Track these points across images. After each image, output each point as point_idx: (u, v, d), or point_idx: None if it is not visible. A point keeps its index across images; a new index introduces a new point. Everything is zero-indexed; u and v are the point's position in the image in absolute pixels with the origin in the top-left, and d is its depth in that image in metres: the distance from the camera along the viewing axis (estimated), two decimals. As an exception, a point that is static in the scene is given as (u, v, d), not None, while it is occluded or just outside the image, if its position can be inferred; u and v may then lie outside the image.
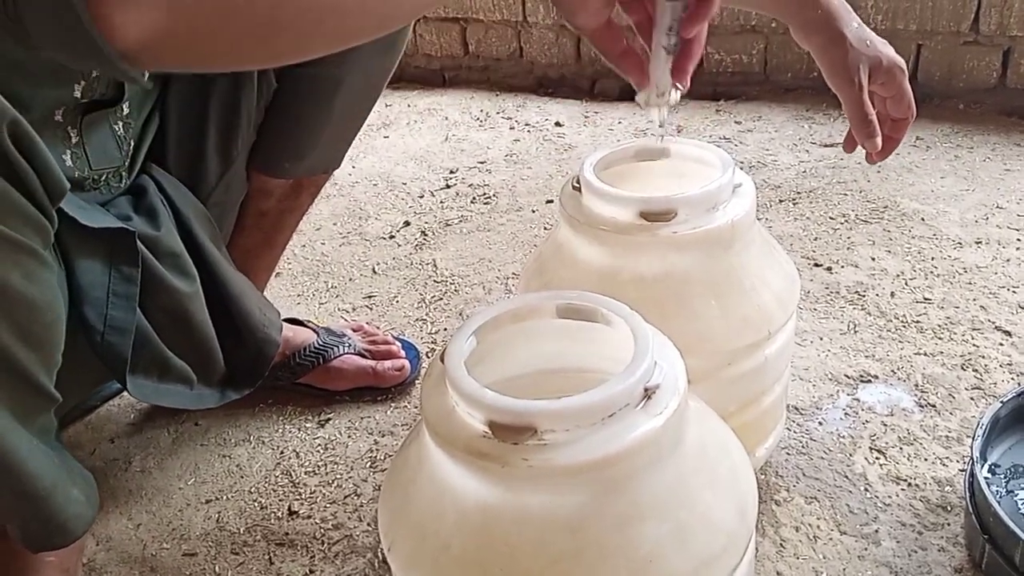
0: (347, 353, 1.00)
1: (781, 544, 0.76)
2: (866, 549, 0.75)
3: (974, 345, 0.99)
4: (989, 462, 0.80)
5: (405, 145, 1.75)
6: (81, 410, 1.00)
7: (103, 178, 0.75)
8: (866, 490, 0.81)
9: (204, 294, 0.80)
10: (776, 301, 0.74)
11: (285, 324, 1.04)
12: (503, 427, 0.45)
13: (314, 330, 1.03)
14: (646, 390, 0.48)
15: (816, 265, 1.18)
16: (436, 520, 0.48)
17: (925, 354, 0.98)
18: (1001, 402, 0.79)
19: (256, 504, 0.86)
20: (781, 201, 1.36)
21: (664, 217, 0.69)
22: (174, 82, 0.81)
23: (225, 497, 0.87)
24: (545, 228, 1.37)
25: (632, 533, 0.46)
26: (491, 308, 0.56)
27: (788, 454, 0.86)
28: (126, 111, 0.76)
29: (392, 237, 1.39)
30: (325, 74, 0.85)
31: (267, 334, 0.88)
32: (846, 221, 1.28)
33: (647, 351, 0.49)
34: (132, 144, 0.78)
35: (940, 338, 1.01)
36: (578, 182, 0.76)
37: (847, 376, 0.96)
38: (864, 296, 1.10)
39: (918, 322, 1.04)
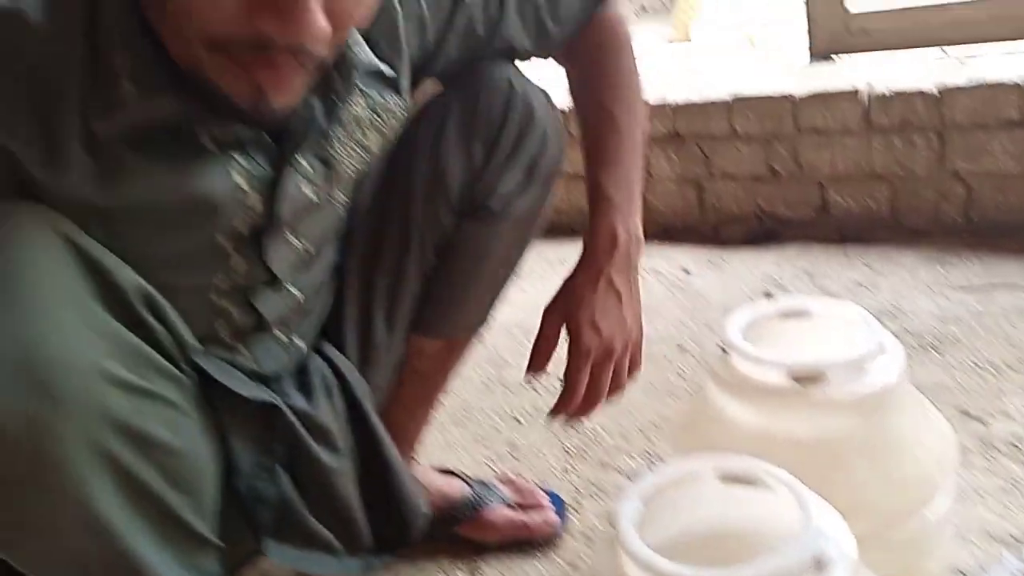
0: (498, 505, 1.04)
1: None
2: None
3: None
4: None
5: (539, 296, 1.83)
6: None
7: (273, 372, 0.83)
8: (1047, 663, 0.77)
9: (362, 464, 0.86)
10: (934, 461, 0.74)
11: (439, 475, 1.09)
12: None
13: (467, 482, 1.07)
14: (817, 560, 0.50)
15: (967, 416, 1.15)
16: None
17: (1097, 513, 0.94)
18: None
19: (415, 656, 0.89)
20: (923, 348, 1.34)
21: (814, 380, 0.72)
22: (346, 261, 0.90)
23: (385, 648, 0.90)
24: (680, 375, 1.39)
25: None
26: (654, 473, 0.60)
27: (956, 620, 0.82)
28: (282, 336, 0.83)
29: (532, 386, 1.44)
30: (479, 243, 0.93)
31: (418, 506, 0.91)
32: (994, 369, 1.25)
33: (813, 520, 0.51)
34: (299, 349, 0.86)
35: (1112, 495, 0.96)
36: (724, 342, 0.80)
37: (1012, 536, 0.92)
38: (1021, 449, 1.06)
39: (1086, 478, 1.00)
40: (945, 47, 1.88)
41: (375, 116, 0.78)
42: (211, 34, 0.57)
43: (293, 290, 0.80)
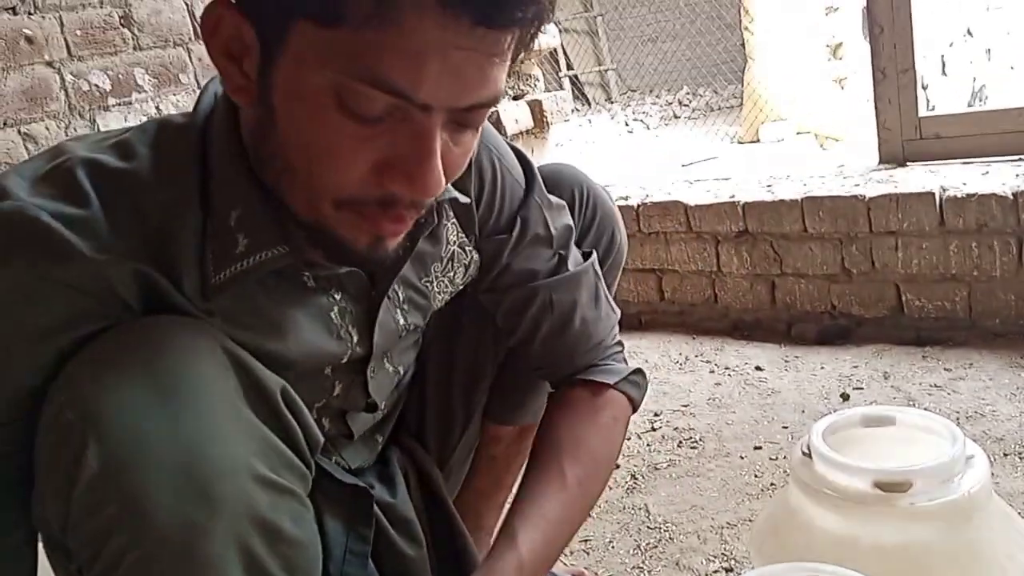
0: (573, 605, 1.05)
1: None
2: None
3: None
4: None
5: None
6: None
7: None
8: None
9: (439, 553, 0.90)
10: (1021, 573, 0.74)
11: (515, 568, 1.11)
12: None
13: (545, 574, 1.09)
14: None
15: (1056, 527, 1.12)
16: None
17: None
18: None
19: None
20: (1006, 455, 1.32)
21: (900, 488, 0.73)
22: (426, 355, 0.95)
23: None
24: (755, 475, 1.39)
25: None
26: (743, 579, 0.62)
27: None
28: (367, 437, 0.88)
29: (604, 480, 1.45)
30: None
31: None
32: (1083, 479, 1.23)
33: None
34: (381, 439, 0.91)
35: None
36: (808, 448, 0.81)
37: (1110, 658, 0.89)
38: (1117, 565, 1.03)
39: None
40: (1018, 155, 1.88)
41: (461, 252, 0.84)
42: (340, 197, 0.61)
43: (381, 405, 0.85)
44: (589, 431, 0.87)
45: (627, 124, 5.92)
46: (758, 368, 1.84)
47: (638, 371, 0.93)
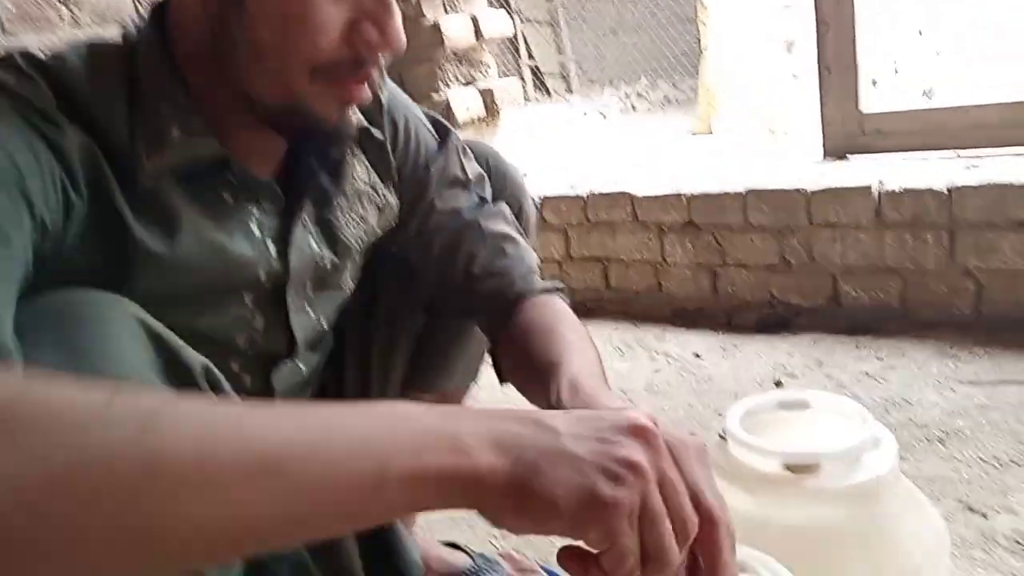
0: (499, 580, 1.05)
1: None
2: None
3: None
4: None
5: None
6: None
7: None
8: None
9: (365, 535, 0.88)
10: (924, 554, 0.76)
11: (443, 547, 1.11)
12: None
13: (469, 555, 1.09)
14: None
15: (970, 510, 1.16)
16: None
17: (1098, 615, 0.94)
18: None
19: None
20: (929, 441, 1.36)
21: (809, 470, 0.75)
22: (344, 330, 0.95)
23: None
24: (687, 461, 1.40)
25: None
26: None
27: None
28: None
29: (540, 464, 1.46)
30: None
31: (416, 566, 0.93)
32: (999, 464, 1.26)
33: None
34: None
35: (1114, 598, 0.96)
36: (724, 431, 0.83)
37: (1012, 635, 0.92)
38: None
39: (1087, 579, 1.00)
40: (958, 150, 1.93)
41: (374, 193, 0.85)
42: (317, 62, 0.66)
43: (302, 366, 0.84)
44: (563, 319, 0.84)
45: (586, 115, 5.93)
46: (696, 355, 1.86)
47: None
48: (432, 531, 1.19)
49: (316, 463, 0.42)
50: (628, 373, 1.82)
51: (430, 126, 0.91)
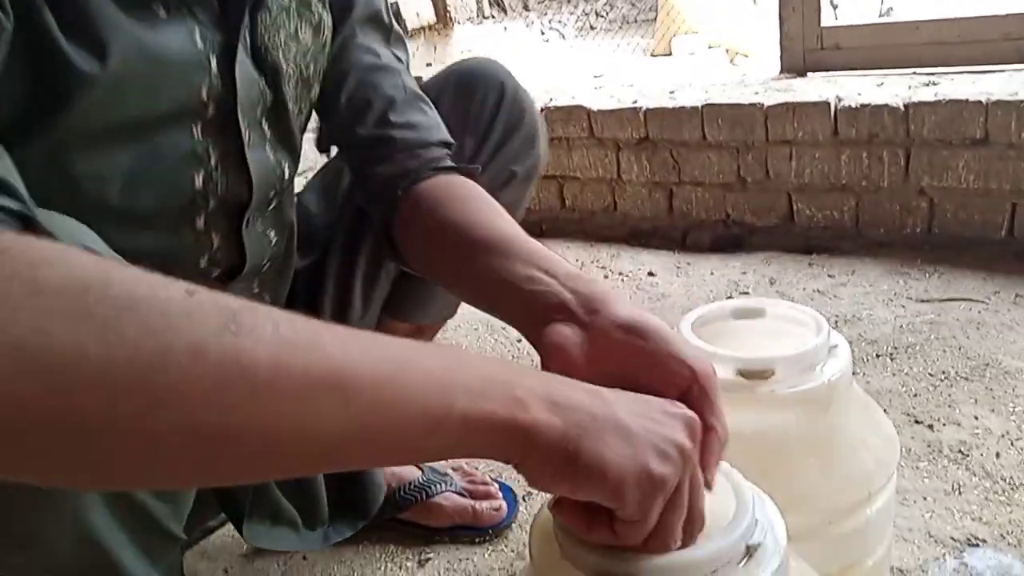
0: (448, 491, 1.04)
1: None
2: None
3: (1090, 512, 0.96)
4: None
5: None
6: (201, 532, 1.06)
7: None
8: (979, 663, 0.78)
9: None
10: (876, 461, 0.75)
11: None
12: (609, 580, 0.48)
13: (418, 466, 1.07)
14: (748, 548, 0.50)
15: (917, 423, 1.17)
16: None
17: (1036, 520, 0.96)
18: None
19: (358, 642, 0.88)
20: (878, 356, 1.36)
21: (762, 376, 0.73)
22: (333, 239, 0.91)
23: (329, 634, 0.90)
24: (640, 376, 1.40)
25: None
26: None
27: (893, 619, 0.84)
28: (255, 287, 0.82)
29: (491, 381, 1.44)
30: None
31: (378, 481, 0.93)
32: (946, 378, 1.28)
33: (748, 508, 0.52)
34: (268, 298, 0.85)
35: (1052, 504, 0.98)
36: (677, 339, 0.80)
37: (953, 539, 0.94)
38: (968, 456, 1.08)
39: (1027, 485, 1.02)
40: (916, 68, 1.91)
41: (303, 7, 0.75)
42: None
43: (271, 234, 0.79)
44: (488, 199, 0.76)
45: (543, 33, 5.78)
46: (651, 273, 1.85)
47: None
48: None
49: (388, 390, 0.41)
50: (581, 291, 1.80)
51: None
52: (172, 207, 0.67)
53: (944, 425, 1.16)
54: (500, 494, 1.06)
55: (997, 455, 1.08)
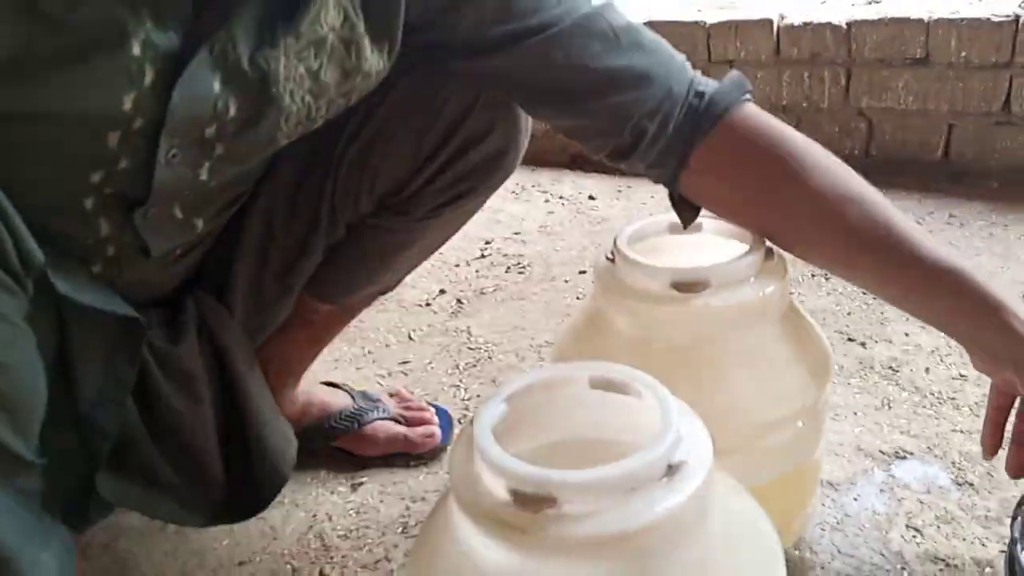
0: (381, 418, 1.01)
1: (815, 623, 0.75)
2: (903, 630, 0.73)
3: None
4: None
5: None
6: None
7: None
8: (903, 569, 0.80)
9: (225, 419, 0.79)
10: (809, 374, 0.75)
11: (322, 387, 1.06)
12: (524, 496, 0.46)
13: (350, 394, 1.04)
14: (670, 465, 0.49)
15: (850, 340, 1.18)
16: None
17: (961, 431, 0.97)
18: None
19: (288, 567, 0.86)
20: (814, 276, 1.37)
21: (696, 288, 0.71)
22: (249, 213, 0.81)
23: (258, 559, 0.88)
24: (578, 298, 1.38)
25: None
26: (524, 376, 0.58)
27: (823, 530, 0.85)
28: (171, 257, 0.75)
29: (428, 305, 1.41)
30: (396, 236, 0.88)
31: (279, 468, 0.83)
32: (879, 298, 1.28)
33: (672, 425, 0.50)
34: (181, 272, 0.78)
35: (977, 415, 1.00)
36: (613, 253, 0.78)
37: (882, 452, 0.95)
38: (898, 372, 1.10)
39: (954, 399, 1.03)
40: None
41: (343, 49, 0.66)
42: None
43: (197, 221, 0.72)
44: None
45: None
46: (591, 197, 1.82)
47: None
48: (315, 373, 1.13)
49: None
50: (523, 215, 1.77)
51: None
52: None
53: (876, 343, 1.17)
54: (436, 419, 1.04)
55: (927, 370, 1.09)
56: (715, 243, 0.83)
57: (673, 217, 0.83)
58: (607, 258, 0.79)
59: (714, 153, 0.72)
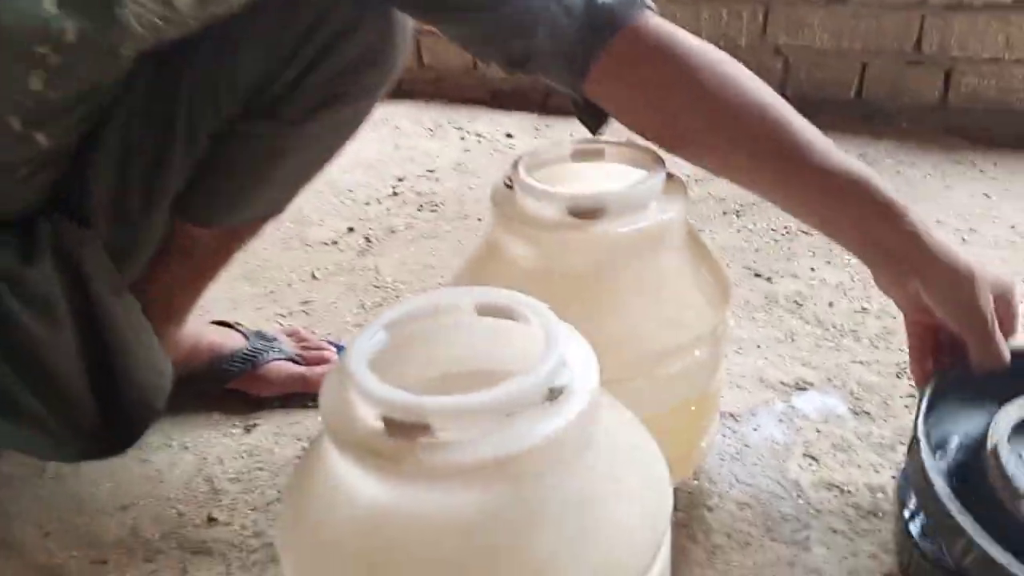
0: (277, 359, 0.97)
1: (712, 551, 0.75)
2: (796, 555, 0.74)
3: (910, 354, 0.99)
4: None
5: (354, 153, 1.72)
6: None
7: None
8: (798, 496, 0.80)
9: (90, 348, 0.74)
10: (707, 302, 0.73)
11: (214, 327, 1.01)
12: (397, 424, 0.43)
13: (244, 334, 1.00)
14: (551, 390, 0.46)
15: (756, 276, 1.18)
16: (329, 520, 0.46)
17: (861, 362, 0.98)
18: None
19: (174, 511, 0.82)
20: (725, 213, 1.36)
21: (593, 215, 0.68)
22: (107, 128, 0.75)
23: (141, 503, 0.83)
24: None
25: (529, 539, 0.43)
26: (406, 303, 0.54)
27: (722, 460, 0.85)
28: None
29: (335, 243, 1.36)
30: (266, 143, 0.81)
31: (149, 401, 0.79)
32: (788, 233, 1.29)
33: (555, 349, 0.47)
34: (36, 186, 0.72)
35: (876, 347, 1.01)
36: (511, 180, 0.75)
37: (783, 383, 0.95)
38: (802, 306, 1.10)
39: (855, 331, 1.04)
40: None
41: None
42: None
43: (38, 135, 0.66)
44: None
45: None
46: (508, 135, 1.78)
47: None
48: (211, 314, 1.08)
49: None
50: (437, 153, 1.71)
51: None
52: None
53: (782, 278, 1.17)
54: (335, 357, 1.00)
55: (830, 304, 1.10)
56: (617, 171, 0.80)
57: (575, 144, 0.80)
58: (506, 184, 0.76)
59: (615, 59, 0.70)
